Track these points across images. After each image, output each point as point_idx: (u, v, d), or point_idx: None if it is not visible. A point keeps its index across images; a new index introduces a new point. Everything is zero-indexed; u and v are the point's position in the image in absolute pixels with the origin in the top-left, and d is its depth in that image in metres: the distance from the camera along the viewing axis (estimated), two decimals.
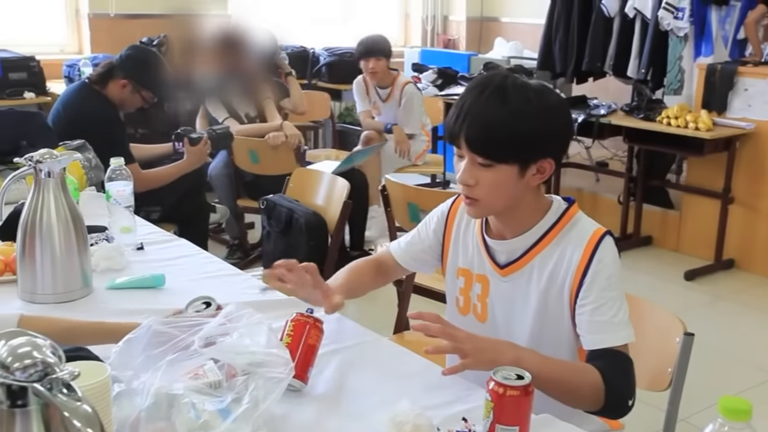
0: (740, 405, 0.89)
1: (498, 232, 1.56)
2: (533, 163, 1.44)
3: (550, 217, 1.51)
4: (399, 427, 1.24)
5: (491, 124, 1.41)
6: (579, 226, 1.51)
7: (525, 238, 1.52)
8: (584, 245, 1.47)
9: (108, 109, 3.14)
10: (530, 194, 1.49)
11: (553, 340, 1.54)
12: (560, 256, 1.49)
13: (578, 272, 1.46)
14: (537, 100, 1.42)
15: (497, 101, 1.41)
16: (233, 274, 2.01)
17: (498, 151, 1.42)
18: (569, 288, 1.48)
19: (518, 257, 1.53)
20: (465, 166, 1.45)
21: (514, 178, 1.44)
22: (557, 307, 1.51)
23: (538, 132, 1.42)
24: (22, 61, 4.59)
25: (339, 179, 2.79)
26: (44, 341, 0.83)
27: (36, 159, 1.73)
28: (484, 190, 1.45)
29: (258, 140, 3.90)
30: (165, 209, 3.36)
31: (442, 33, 7.08)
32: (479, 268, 1.60)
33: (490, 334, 1.58)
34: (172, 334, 1.27)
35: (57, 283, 1.77)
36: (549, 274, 1.50)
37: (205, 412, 1.15)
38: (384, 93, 4.66)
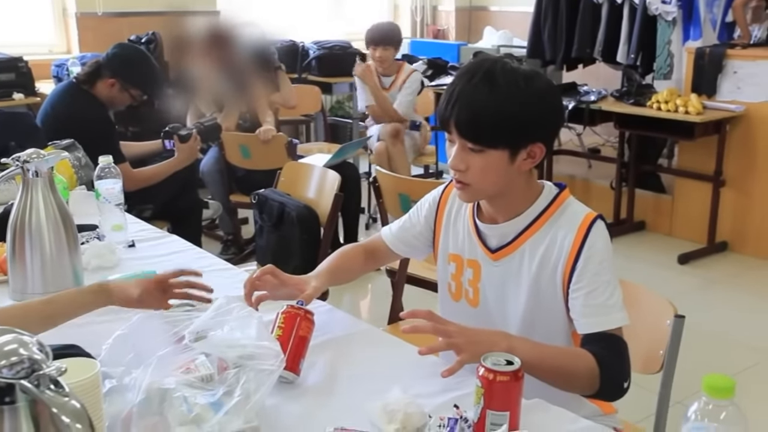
0: (723, 383, 0.90)
1: (489, 216, 1.57)
2: (523, 148, 1.45)
3: (542, 202, 1.52)
4: (390, 415, 1.24)
5: (481, 109, 1.42)
6: (570, 210, 1.52)
7: (516, 222, 1.53)
8: (576, 229, 1.48)
9: (96, 108, 3.14)
10: (522, 179, 1.50)
11: (545, 324, 1.55)
12: (552, 240, 1.50)
13: (570, 256, 1.47)
14: (526, 84, 1.43)
15: (486, 86, 1.42)
16: (225, 269, 2.01)
17: (488, 136, 1.43)
18: (561, 272, 1.49)
19: (509, 241, 1.54)
20: (456, 152, 1.46)
21: (505, 163, 1.45)
22: (549, 290, 1.52)
23: (527, 116, 1.43)
24: (9, 62, 4.57)
25: (330, 172, 2.79)
26: (30, 338, 0.83)
27: (23, 159, 1.72)
28: (475, 174, 1.46)
29: (249, 135, 3.91)
30: (157, 207, 3.36)
31: (431, 23, 7.06)
32: (470, 253, 1.60)
33: (483, 318, 1.61)
34: (163, 329, 1.28)
35: (47, 282, 1.77)
36: (540, 258, 1.51)
37: (196, 405, 1.15)
38: (387, 81, 4.61)
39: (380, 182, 2.87)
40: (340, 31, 6.43)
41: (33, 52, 5.20)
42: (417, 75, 4.63)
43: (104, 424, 1.09)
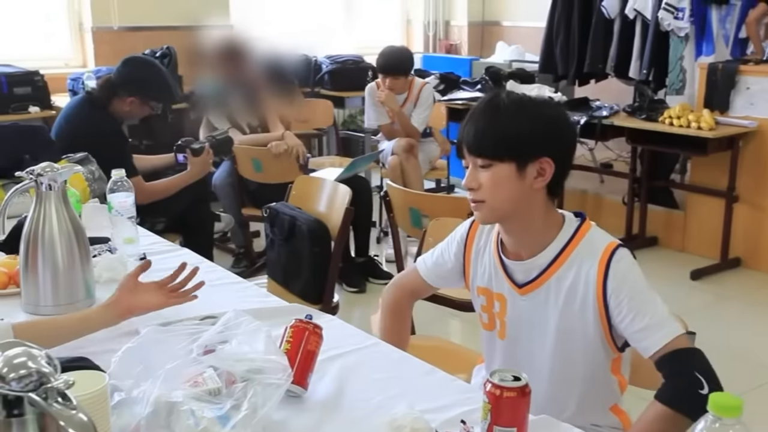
0: (731, 401, 0.90)
1: (514, 252, 1.59)
2: (530, 163, 1.48)
3: (564, 235, 1.54)
4: (397, 430, 1.25)
5: (486, 125, 1.50)
6: (592, 242, 1.53)
7: (540, 257, 1.55)
8: (597, 261, 1.50)
9: (109, 122, 3.17)
10: (538, 206, 1.52)
11: (576, 358, 1.57)
12: (576, 274, 1.52)
13: (599, 289, 1.49)
14: (530, 104, 1.52)
15: (492, 107, 1.52)
16: (234, 282, 2.02)
17: (492, 148, 1.49)
18: (594, 305, 1.51)
19: (535, 277, 1.57)
20: (468, 171, 1.52)
21: (514, 177, 1.48)
22: (580, 324, 1.53)
23: (530, 129, 1.49)
24: (26, 76, 4.62)
25: (340, 186, 2.80)
26: (39, 351, 0.84)
27: (37, 172, 1.75)
28: (487, 190, 1.50)
29: (261, 149, 3.92)
30: (169, 220, 3.39)
31: (443, 38, 7.09)
32: (498, 287, 1.63)
33: (511, 350, 1.65)
34: (171, 342, 1.28)
35: (59, 295, 1.78)
36: (566, 293, 1.53)
37: (204, 419, 1.16)
38: (400, 98, 4.60)
39: (391, 196, 2.89)
40: (353, 46, 6.47)
41: (49, 66, 5.26)
42: (429, 87, 4.64)
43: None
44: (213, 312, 1.64)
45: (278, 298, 1.91)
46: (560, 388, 1.61)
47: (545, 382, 1.60)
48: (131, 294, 1.64)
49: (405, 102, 4.57)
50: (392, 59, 4.44)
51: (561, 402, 1.60)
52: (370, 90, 4.61)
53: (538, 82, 5.17)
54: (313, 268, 2.70)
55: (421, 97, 4.56)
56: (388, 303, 1.87)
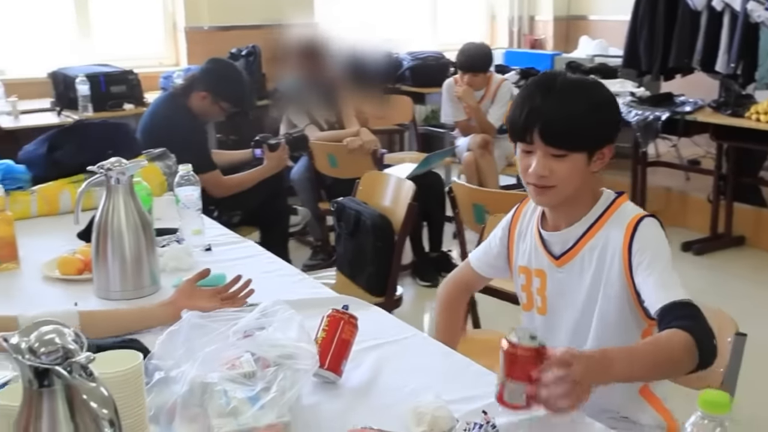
0: (719, 398, 0.91)
1: (554, 223, 1.64)
2: (599, 150, 1.55)
3: (599, 207, 1.61)
4: (419, 417, 1.30)
5: (564, 116, 1.52)
6: (623, 212, 1.59)
7: (576, 227, 1.61)
8: (624, 227, 1.55)
9: (189, 118, 3.33)
10: (591, 181, 1.59)
11: (610, 322, 1.60)
12: (606, 241, 1.58)
13: (624, 252, 1.54)
14: (595, 91, 1.57)
15: (561, 96, 1.53)
16: (290, 274, 2.11)
17: (573, 141, 1.52)
18: (620, 268, 1.55)
19: (571, 246, 1.62)
20: (538, 159, 1.53)
21: (584, 165, 1.55)
22: (610, 289, 1.57)
23: (602, 119, 1.56)
24: (121, 75, 4.86)
25: (405, 182, 2.86)
26: (68, 330, 0.94)
27: (106, 167, 1.88)
28: (559, 178, 1.54)
29: (336, 145, 4.02)
30: (246, 213, 3.53)
31: (528, 33, 7.03)
32: (537, 263, 1.68)
33: (551, 325, 1.68)
34: (211, 327, 1.38)
35: (127, 282, 1.91)
36: (597, 259, 1.58)
37: (234, 399, 1.24)
38: (478, 95, 4.63)
39: (456, 193, 2.92)
40: (436, 42, 6.51)
41: (144, 65, 5.52)
42: (507, 84, 4.64)
43: (147, 411, 1.20)
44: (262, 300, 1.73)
45: (328, 290, 1.98)
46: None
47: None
48: (187, 297, 1.72)
49: (482, 98, 4.58)
50: (472, 56, 4.47)
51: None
52: (447, 86, 4.65)
53: (621, 77, 5.07)
54: (377, 261, 2.77)
55: (499, 93, 4.56)
56: (442, 299, 1.93)
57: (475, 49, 4.47)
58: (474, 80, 4.43)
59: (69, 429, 0.91)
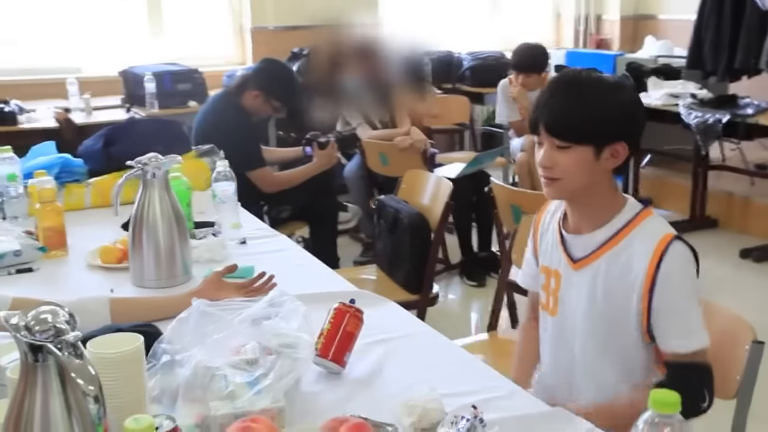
0: (669, 398, 0.93)
1: (575, 226, 1.64)
2: (607, 146, 1.54)
3: (624, 216, 1.58)
4: (410, 409, 1.35)
5: (566, 108, 1.55)
6: (650, 228, 1.56)
7: (599, 233, 1.59)
8: (652, 250, 1.52)
9: (240, 116, 3.44)
10: (605, 181, 1.58)
11: (616, 339, 1.60)
12: (629, 257, 1.55)
13: (648, 278, 1.52)
14: (608, 88, 1.57)
15: (571, 89, 1.57)
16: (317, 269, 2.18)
17: (574, 132, 1.54)
18: (639, 292, 1.53)
19: (591, 252, 1.61)
20: (544, 150, 1.57)
21: (590, 159, 1.54)
22: (623, 307, 1.56)
23: (609, 115, 1.54)
24: (187, 73, 5.05)
25: (444, 181, 2.90)
26: (63, 310, 1.02)
27: (143, 162, 1.99)
28: (563, 170, 1.56)
29: (387, 143, 4.08)
30: (294, 209, 3.63)
31: (594, 33, 6.93)
32: (556, 263, 1.68)
33: (559, 326, 1.69)
34: (218, 315, 1.45)
35: (160, 271, 2.02)
36: (616, 274, 1.56)
37: (233, 383, 1.32)
38: (533, 95, 4.61)
39: (495, 193, 2.94)
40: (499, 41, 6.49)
41: (212, 64, 5.70)
42: None
43: (147, 391, 1.28)
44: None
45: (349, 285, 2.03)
46: (601, 369, 1.63)
47: (588, 361, 1.64)
48: (214, 288, 1.80)
49: None
50: (526, 56, 4.45)
51: (601, 385, 1.63)
52: (502, 86, 4.65)
53: (684, 78, 4.97)
54: (414, 259, 2.82)
55: None
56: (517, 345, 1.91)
57: (529, 50, 4.45)
58: (528, 81, 4.41)
59: (60, 401, 1.00)
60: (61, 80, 5.04)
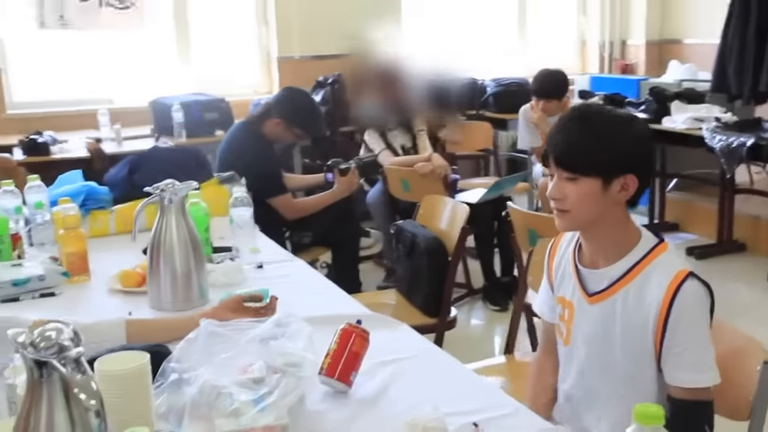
0: (653, 411, 0.94)
1: (591, 260, 1.66)
2: (616, 178, 1.56)
3: (638, 251, 1.60)
4: (412, 428, 1.36)
5: (575, 140, 1.59)
6: (665, 264, 1.57)
7: (613, 268, 1.61)
8: (666, 287, 1.53)
9: (263, 144, 3.51)
10: (617, 217, 1.60)
11: (630, 371, 1.61)
12: (643, 293, 1.57)
13: (661, 315, 1.53)
14: (617, 121, 1.60)
15: (580, 122, 1.60)
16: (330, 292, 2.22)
17: (578, 164, 1.57)
18: (653, 328, 1.55)
19: (606, 287, 1.62)
20: (554, 182, 1.61)
21: (598, 191, 1.57)
22: (638, 342, 1.58)
23: (617, 148, 1.57)
24: (214, 103, 5.15)
25: (460, 206, 2.92)
26: (68, 328, 1.06)
27: (160, 188, 2.05)
28: (572, 201, 1.59)
29: (408, 170, 4.12)
30: (316, 234, 3.67)
31: (619, 58, 6.94)
32: (571, 294, 1.70)
33: (572, 356, 1.71)
34: (226, 335, 1.49)
35: (177, 294, 2.07)
36: (631, 309, 1.58)
37: (238, 401, 1.35)
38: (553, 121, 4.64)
39: (512, 217, 2.96)
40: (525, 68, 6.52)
41: (239, 93, 5.82)
42: None
43: (153, 408, 1.32)
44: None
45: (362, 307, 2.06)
46: (612, 402, 1.64)
47: (602, 392, 1.66)
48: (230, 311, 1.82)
49: None
50: (546, 82, 4.48)
51: (614, 420, 1.63)
52: (523, 112, 4.67)
53: (709, 102, 4.95)
54: (431, 283, 2.84)
55: None
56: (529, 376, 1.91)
57: (549, 76, 4.48)
58: (548, 106, 4.44)
59: (65, 415, 1.03)
60: (93, 111, 5.18)
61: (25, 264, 2.29)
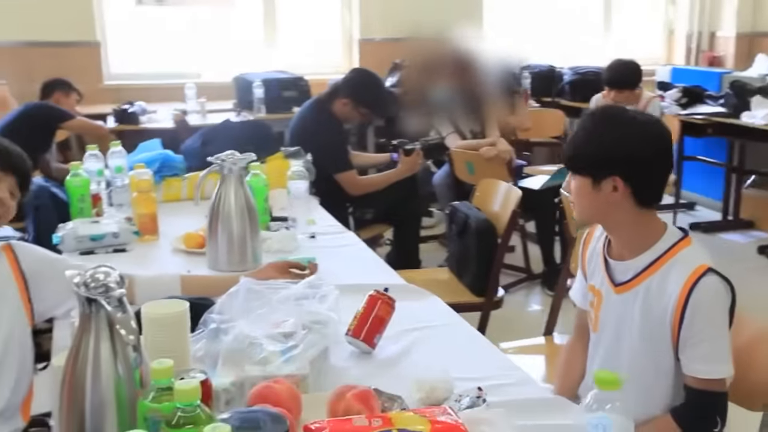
0: (611, 377, 1.05)
1: (618, 252, 1.74)
2: (604, 179, 1.63)
3: (662, 245, 1.66)
4: (420, 385, 1.49)
5: (573, 139, 1.72)
6: (686, 258, 1.63)
7: (637, 261, 1.68)
8: (684, 281, 1.59)
9: (331, 122, 3.67)
10: (624, 215, 1.65)
11: (653, 359, 1.69)
12: (664, 285, 1.63)
13: (678, 307, 1.60)
14: (612, 122, 1.66)
15: (581, 123, 1.70)
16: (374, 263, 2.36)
17: (572, 161, 1.70)
18: (671, 319, 1.62)
19: (630, 278, 1.70)
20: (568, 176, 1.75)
21: (589, 190, 1.65)
22: (658, 333, 1.65)
23: (596, 149, 1.65)
24: (293, 81, 5.36)
25: (514, 190, 3.01)
26: (114, 272, 1.24)
27: (221, 158, 2.23)
28: (573, 196, 1.72)
29: (474, 153, 4.21)
30: (378, 211, 3.82)
31: (707, 50, 6.79)
32: (600, 283, 1.79)
33: (596, 342, 1.81)
34: (263, 292, 1.65)
35: (233, 257, 2.25)
36: (652, 300, 1.66)
37: (266, 350, 1.51)
38: None
39: (564, 204, 3.03)
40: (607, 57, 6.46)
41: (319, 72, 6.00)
42: (656, 102, 4.59)
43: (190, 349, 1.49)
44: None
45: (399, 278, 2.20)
46: (635, 387, 1.71)
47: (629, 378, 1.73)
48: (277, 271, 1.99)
49: None
50: (618, 72, 4.47)
51: (646, 401, 1.71)
52: (595, 101, 4.68)
53: None
54: (480, 263, 2.94)
55: (648, 111, 4.52)
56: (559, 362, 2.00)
57: (622, 65, 4.46)
58: (620, 96, 4.43)
59: (108, 345, 1.21)
60: (181, 85, 5.47)
61: (102, 221, 2.52)
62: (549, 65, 6.04)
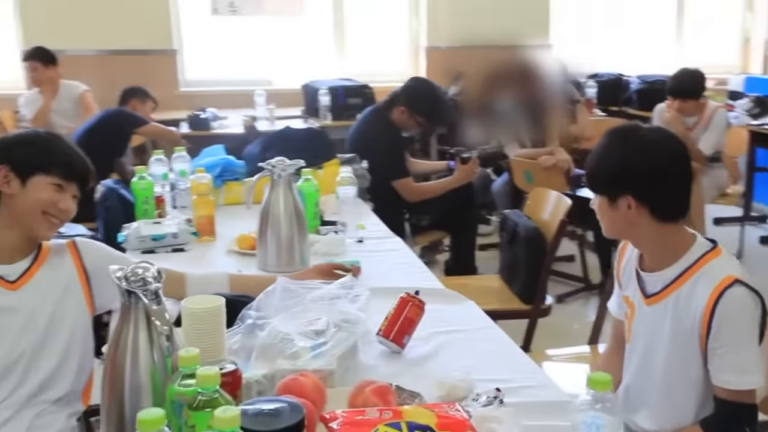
0: (603, 378, 1.09)
1: (649, 264, 1.77)
2: (619, 198, 1.67)
3: (690, 257, 1.69)
4: (440, 384, 1.56)
5: (589, 158, 1.76)
6: (713, 269, 1.65)
7: (667, 272, 1.71)
8: (710, 291, 1.61)
9: (389, 130, 3.75)
10: (645, 230, 1.69)
11: (684, 370, 1.71)
12: (692, 297, 1.66)
13: (705, 317, 1.62)
14: (625, 141, 1.69)
15: (600, 142, 1.74)
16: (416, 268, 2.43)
17: (590, 181, 1.76)
18: (699, 330, 1.64)
19: (660, 290, 1.73)
20: None
21: (607, 208, 1.71)
22: (688, 343, 1.68)
23: (607, 170, 1.70)
24: (358, 89, 5.49)
25: (563, 198, 3.03)
26: (153, 267, 1.35)
27: (272, 164, 2.34)
28: (597, 212, 1.76)
29: (532, 162, 4.24)
30: (434, 218, 3.89)
31: None
32: (633, 295, 1.83)
33: (630, 351, 1.85)
34: (299, 291, 1.75)
35: (281, 258, 2.35)
36: (681, 311, 1.68)
37: (297, 346, 1.60)
38: (690, 121, 4.58)
39: None
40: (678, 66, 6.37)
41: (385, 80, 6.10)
42: (723, 112, 4.51)
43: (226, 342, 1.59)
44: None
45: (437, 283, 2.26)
46: (665, 398, 1.76)
47: (654, 389, 1.77)
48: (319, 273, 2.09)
49: (695, 125, 4.49)
50: (682, 82, 4.42)
51: (675, 411, 1.74)
52: (658, 111, 4.63)
53: None
54: (527, 272, 2.98)
55: (713, 121, 4.46)
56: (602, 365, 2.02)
57: (686, 75, 4.41)
58: (684, 106, 4.38)
59: (145, 334, 1.32)
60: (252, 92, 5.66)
61: (164, 222, 2.67)
62: (617, 74, 5.98)
